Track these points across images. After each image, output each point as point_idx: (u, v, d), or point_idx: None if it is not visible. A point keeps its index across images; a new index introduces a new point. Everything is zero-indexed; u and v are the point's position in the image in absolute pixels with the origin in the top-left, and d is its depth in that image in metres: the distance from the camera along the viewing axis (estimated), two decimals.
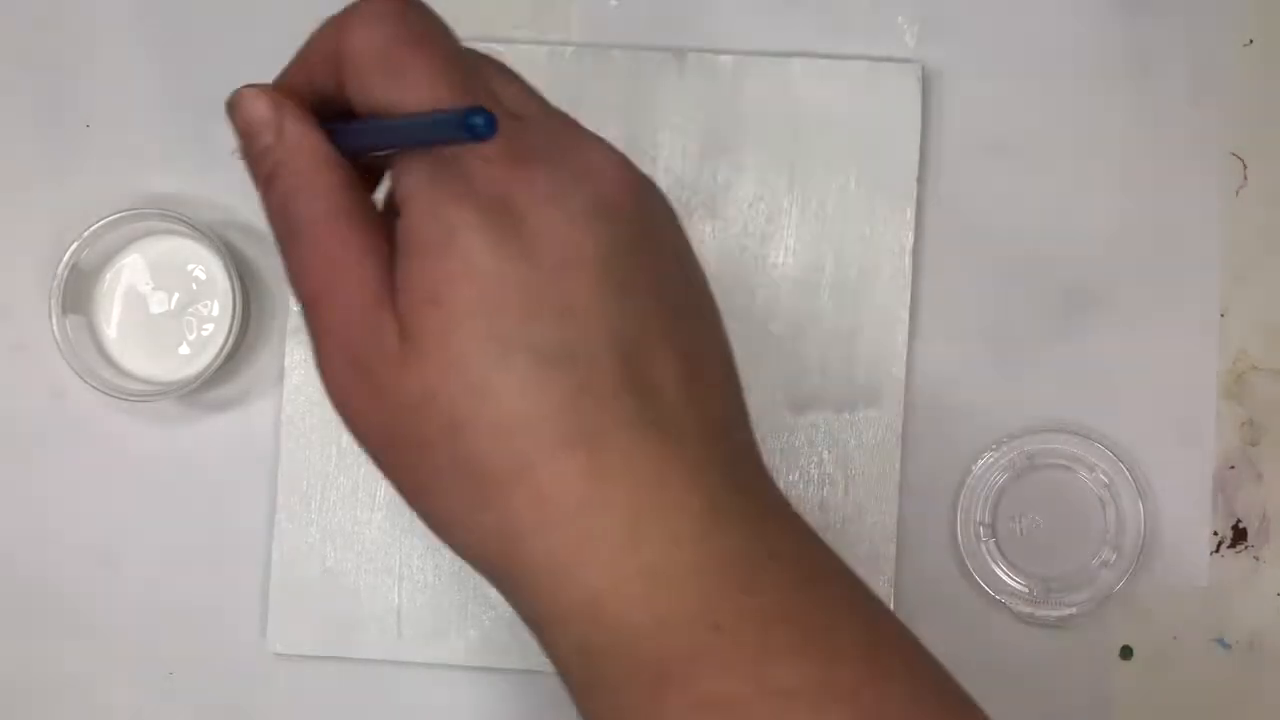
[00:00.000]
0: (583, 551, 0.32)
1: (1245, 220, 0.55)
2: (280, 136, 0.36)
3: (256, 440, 0.55)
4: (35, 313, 0.55)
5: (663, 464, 0.33)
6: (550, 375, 0.32)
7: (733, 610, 0.32)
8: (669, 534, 0.32)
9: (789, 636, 0.32)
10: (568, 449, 0.32)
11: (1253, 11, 0.55)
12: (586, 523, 0.32)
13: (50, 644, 0.56)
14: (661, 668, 0.32)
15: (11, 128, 0.56)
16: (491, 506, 0.33)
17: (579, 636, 0.33)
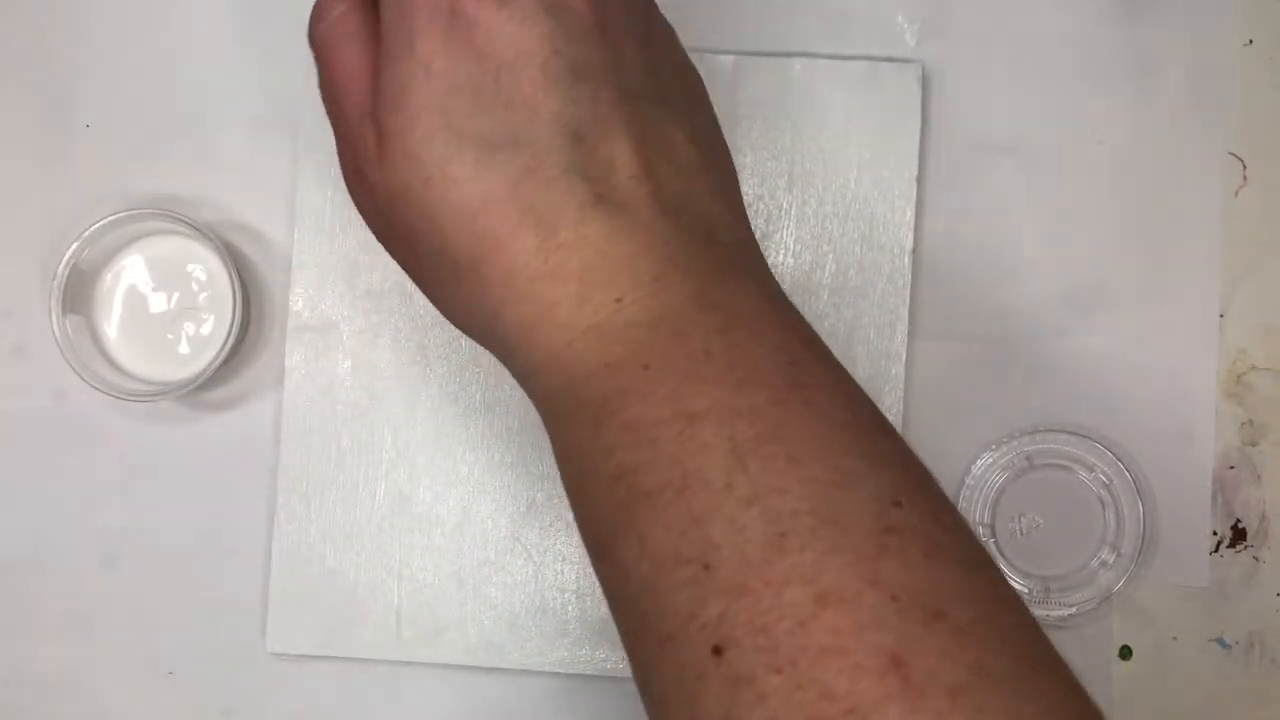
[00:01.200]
0: (544, 318, 0.37)
1: (1245, 220, 0.55)
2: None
3: (256, 440, 0.55)
4: (35, 313, 0.55)
5: (611, 235, 0.37)
6: (498, 161, 0.37)
7: (662, 352, 0.36)
8: (614, 296, 0.37)
9: (708, 370, 0.35)
10: (523, 227, 0.37)
11: (1253, 11, 0.55)
12: (545, 292, 0.37)
13: (50, 644, 0.56)
14: (601, 403, 0.36)
15: (11, 128, 0.56)
16: (467, 284, 0.38)
17: (547, 385, 0.38)
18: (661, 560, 0.34)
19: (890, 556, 0.32)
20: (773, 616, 0.32)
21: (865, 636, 0.31)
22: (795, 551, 0.32)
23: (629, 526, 0.35)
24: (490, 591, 0.54)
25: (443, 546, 0.54)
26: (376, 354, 0.55)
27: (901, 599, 0.31)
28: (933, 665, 0.31)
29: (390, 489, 0.54)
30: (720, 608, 0.32)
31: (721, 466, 0.33)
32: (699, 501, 0.33)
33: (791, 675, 0.31)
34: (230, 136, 0.56)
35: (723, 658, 0.32)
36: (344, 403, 0.54)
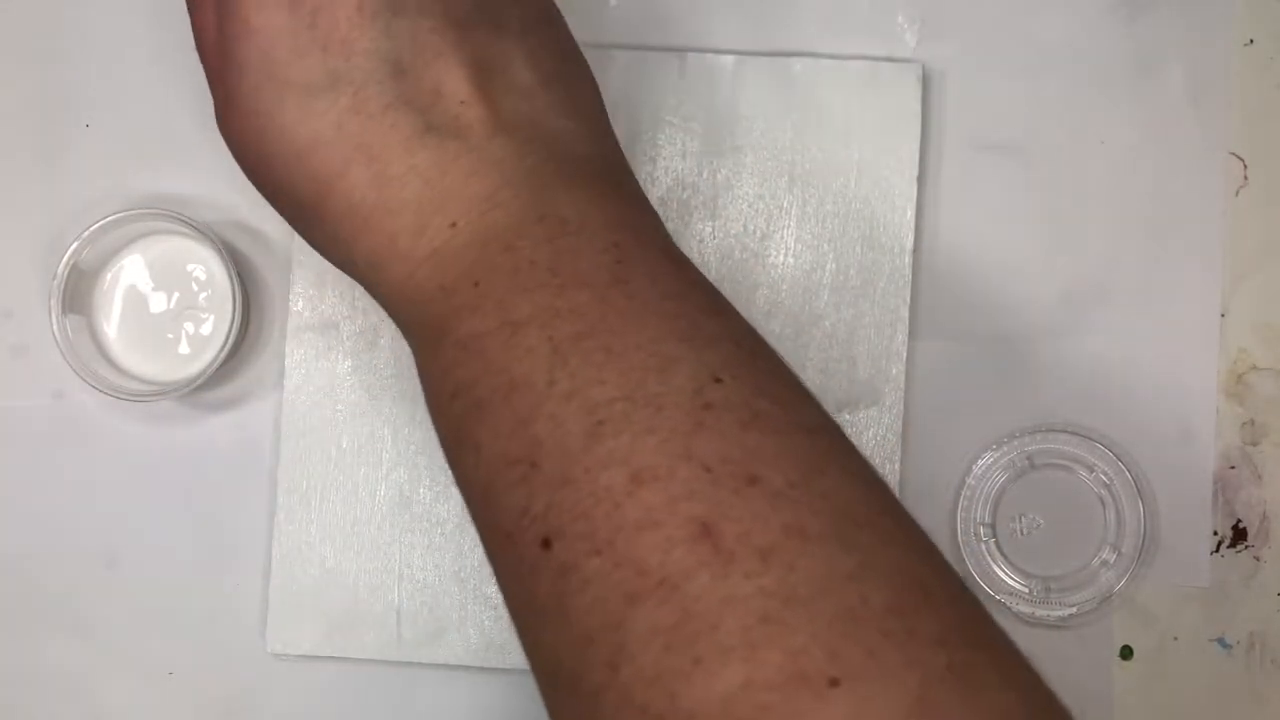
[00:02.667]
0: (387, 251, 0.38)
1: (1245, 220, 0.55)
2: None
3: (256, 440, 0.55)
4: (35, 313, 0.55)
5: (441, 163, 0.38)
6: (320, 103, 0.38)
7: (489, 267, 0.37)
8: (448, 222, 0.38)
9: (531, 278, 0.36)
10: (353, 164, 0.38)
11: (1253, 11, 0.55)
12: (384, 226, 0.38)
13: (50, 644, 0.56)
14: (439, 324, 0.37)
15: (11, 127, 0.56)
16: (318, 224, 0.40)
17: (398, 316, 0.40)
18: (495, 464, 0.35)
19: (705, 430, 0.33)
20: (590, 502, 0.32)
21: (677, 508, 0.32)
22: (611, 437, 0.33)
23: (467, 438, 0.36)
24: (491, 591, 0.54)
25: (443, 546, 0.54)
26: (377, 354, 0.55)
27: (715, 469, 0.32)
28: (744, 529, 0.31)
29: (390, 489, 0.54)
30: (546, 500, 0.33)
31: (544, 367, 0.34)
32: (524, 403, 0.34)
33: (610, 556, 0.32)
34: None
35: (551, 549, 0.33)
36: (344, 403, 0.54)
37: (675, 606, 0.31)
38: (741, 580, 0.30)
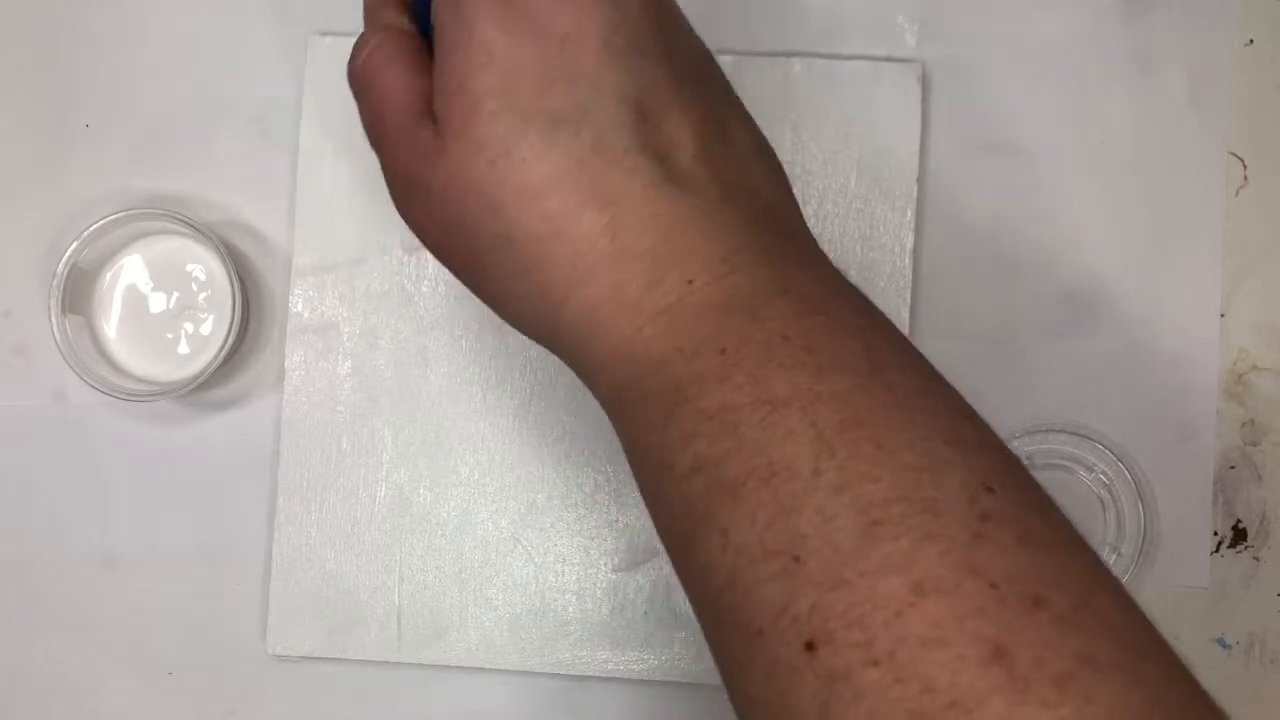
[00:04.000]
0: (610, 303, 0.36)
1: (1245, 220, 0.55)
2: None
3: (256, 441, 0.55)
4: (35, 313, 0.55)
5: (679, 216, 0.36)
6: (563, 137, 0.36)
7: (738, 335, 0.35)
8: (685, 278, 0.36)
9: (787, 354, 0.34)
10: (589, 208, 0.36)
11: (1253, 11, 0.55)
12: (612, 275, 0.36)
13: (50, 644, 0.56)
14: (675, 389, 0.35)
15: (11, 128, 0.56)
16: (530, 272, 0.37)
17: (615, 378, 0.37)
18: (748, 553, 0.32)
19: (986, 543, 0.31)
20: (868, 608, 0.30)
21: (966, 626, 0.30)
22: (889, 540, 0.31)
23: (710, 520, 0.33)
24: (491, 593, 0.54)
25: (443, 548, 0.54)
26: (377, 355, 0.55)
27: (1000, 587, 0.30)
28: (1037, 655, 0.29)
29: (390, 490, 0.54)
30: (812, 600, 0.31)
31: (808, 454, 0.32)
32: (786, 491, 0.32)
33: (890, 669, 0.30)
34: (230, 136, 0.56)
35: (816, 653, 0.31)
36: (344, 404, 0.54)
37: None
38: (1039, 709, 0.29)
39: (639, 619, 0.54)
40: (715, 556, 0.33)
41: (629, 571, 0.54)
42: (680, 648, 0.53)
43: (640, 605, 0.54)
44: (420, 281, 0.55)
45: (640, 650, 0.54)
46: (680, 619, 0.53)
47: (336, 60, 0.55)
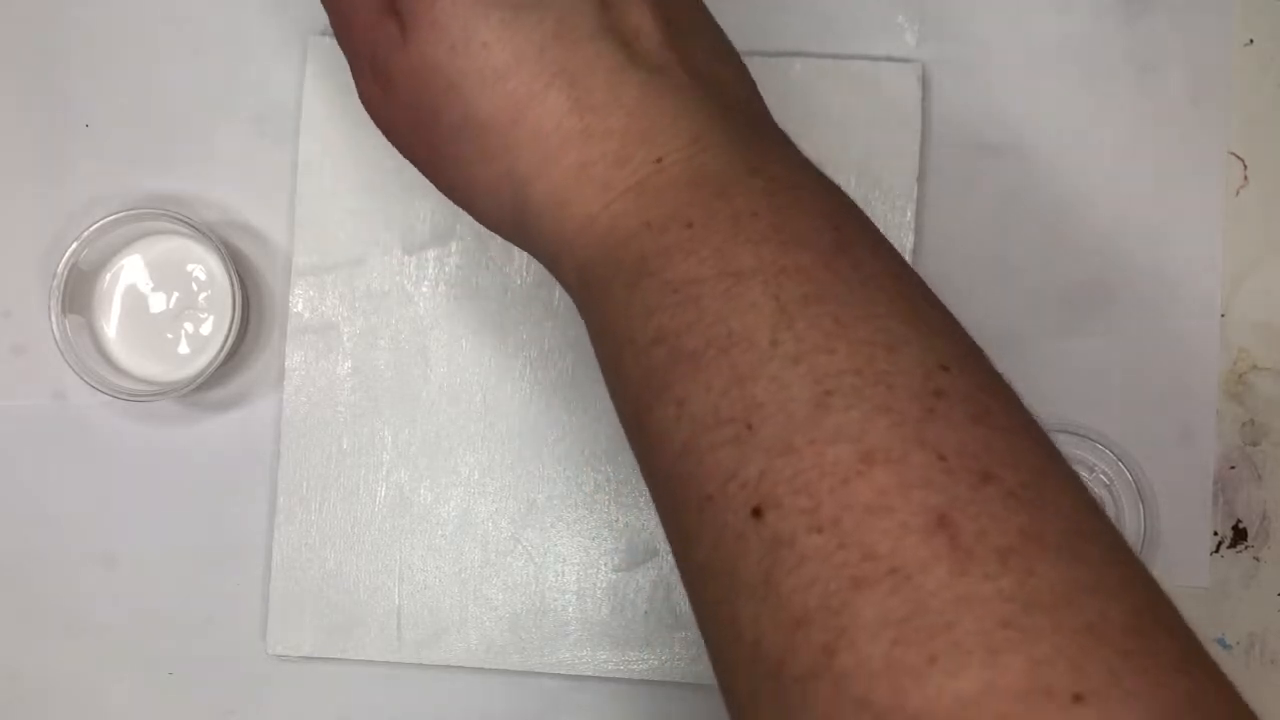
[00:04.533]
0: (577, 181, 0.37)
1: (1245, 220, 0.55)
2: None
3: (256, 441, 0.55)
4: (35, 313, 0.55)
5: (647, 97, 0.37)
6: (526, 22, 0.37)
7: (706, 211, 0.35)
8: (653, 156, 0.36)
9: (753, 229, 0.34)
10: (554, 88, 0.36)
11: (1253, 11, 0.55)
12: (579, 154, 0.36)
13: (50, 644, 0.56)
14: (641, 263, 0.35)
15: (11, 128, 0.56)
16: (498, 156, 0.37)
17: (580, 257, 0.37)
18: (702, 420, 0.33)
19: (937, 418, 0.31)
20: (815, 474, 0.31)
21: (911, 496, 0.30)
22: (840, 410, 0.31)
23: (667, 390, 0.34)
24: (491, 593, 0.54)
25: (443, 548, 0.54)
26: (377, 355, 0.55)
27: (949, 460, 0.31)
28: (981, 527, 0.30)
29: (390, 490, 0.54)
30: (761, 466, 0.31)
31: (768, 325, 0.33)
32: (744, 360, 0.33)
33: (833, 534, 0.30)
34: (230, 136, 0.56)
35: (763, 519, 0.31)
36: (344, 404, 0.54)
37: (908, 598, 0.29)
38: (981, 580, 0.29)
39: (639, 619, 0.54)
40: (670, 426, 0.34)
41: (629, 571, 0.54)
42: (680, 648, 0.53)
43: (640, 605, 0.54)
44: (420, 281, 0.55)
45: (640, 650, 0.54)
46: (680, 619, 0.53)
47: (336, 60, 0.55)
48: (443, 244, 0.55)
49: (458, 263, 0.55)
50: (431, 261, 0.55)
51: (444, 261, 0.55)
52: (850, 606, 0.29)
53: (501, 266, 0.54)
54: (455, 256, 0.55)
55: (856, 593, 0.29)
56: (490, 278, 0.54)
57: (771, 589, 0.31)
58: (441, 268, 0.55)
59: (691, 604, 0.35)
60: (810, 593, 0.30)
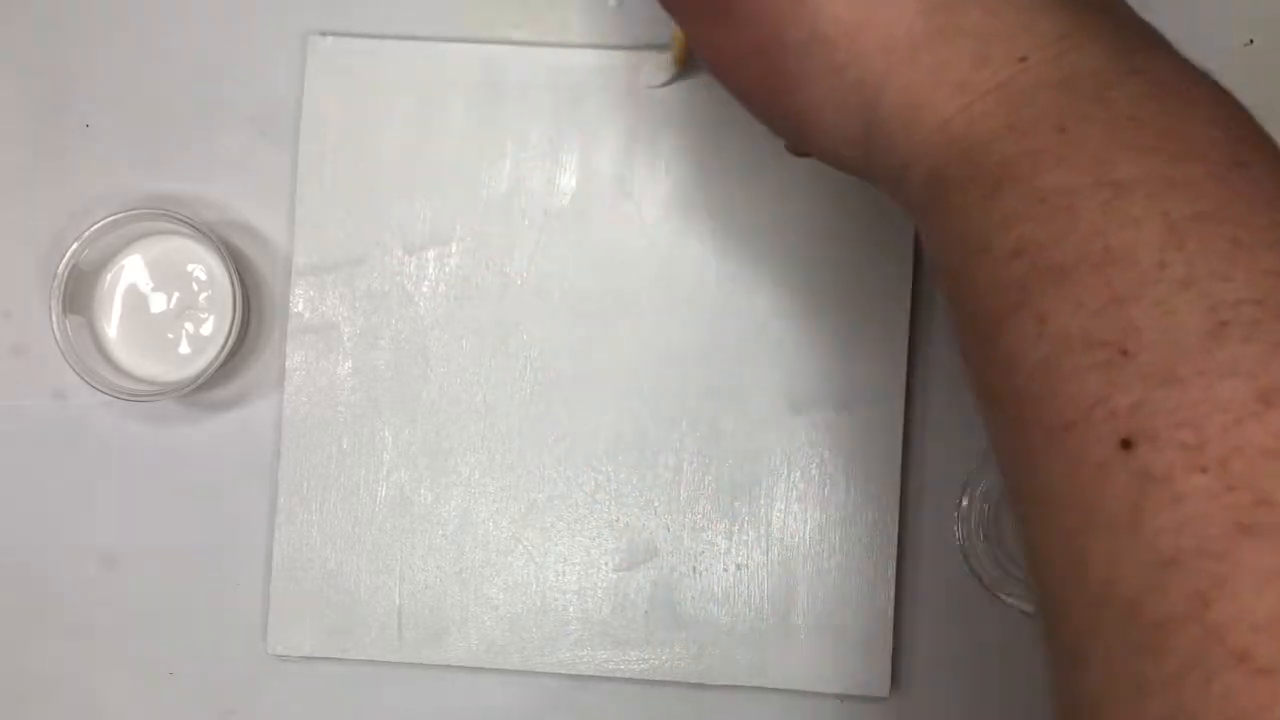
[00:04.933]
0: (932, 83, 0.34)
1: None
2: None
3: (257, 441, 0.55)
4: (35, 313, 0.55)
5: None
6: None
7: (1079, 115, 0.32)
8: (1015, 55, 0.33)
9: (1136, 136, 0.31)
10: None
11: (1253, 11, 0.55)
12: (932, 56, 0.34)
13: (50, 644, 0.56)
14: (1003, 169, 0.32)
15: (11, 128, 0.56)
16: (848, 65, 0.35)
17: (932, 162, 0.34)
18: (1067, 342, 0.30)
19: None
20: (1204, 410, 0.28)
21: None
22: (1237, 343, 0.28)
23: (1027, 305, 0.31)
24: (491, 592, 0.54)
25: (443, 547, 0.54)
26: (377, 355, 0.55)
27: None
28: None
29: (391, 490, 0.54)
30: (1136, 396, 0.29)
31: (1154, 243, 0.30)
32: (1123, 279, 0.30)
33: (1220, 476, 0.27)
34: (230, 136, 0.56)
35: (1133, 451, 0.29)
36: (344, 404, 0.54)
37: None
38: None
39: (639, 619, 0.54)
40: (1026, 344, 0.31)
41: (629, 571, 0.54)
42: (680, 648, 0.53)
43: (640, 605, 0.54)
44: (420, 281, 0.55)
45: (640, 650, 0.54)
46: (680, 619, 0.54)
47: (336, 60, 0.55)
48: (443, 244, 0.55)
49: (458, 263, 0.55)
50: (431, 261, 0.55)
51: (444, 261, 0.55)
52: (1234, 554, 0.27)
53: (501, 266, 0.54)
54: (455, 256, 0.55)
55: (1244, 538, 0.27)
56: (490, 278, 0.54)
57: (1137, 526, 0.28)
58: (441, 268, 0.55)
59: (1024, 534, 0.32)
60: (1184, 534, 0.28)
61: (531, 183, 0.55)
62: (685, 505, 0.54)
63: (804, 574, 0.53)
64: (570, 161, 0.55)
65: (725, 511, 0.54)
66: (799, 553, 0.53)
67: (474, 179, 0.55)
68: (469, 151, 0.55)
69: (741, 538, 0.54)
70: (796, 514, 0.53)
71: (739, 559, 0.53)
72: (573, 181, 0.54)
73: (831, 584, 0.53)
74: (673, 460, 0.54)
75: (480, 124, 0.55)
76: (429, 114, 0.55)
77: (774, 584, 0.53)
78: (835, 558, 0.53)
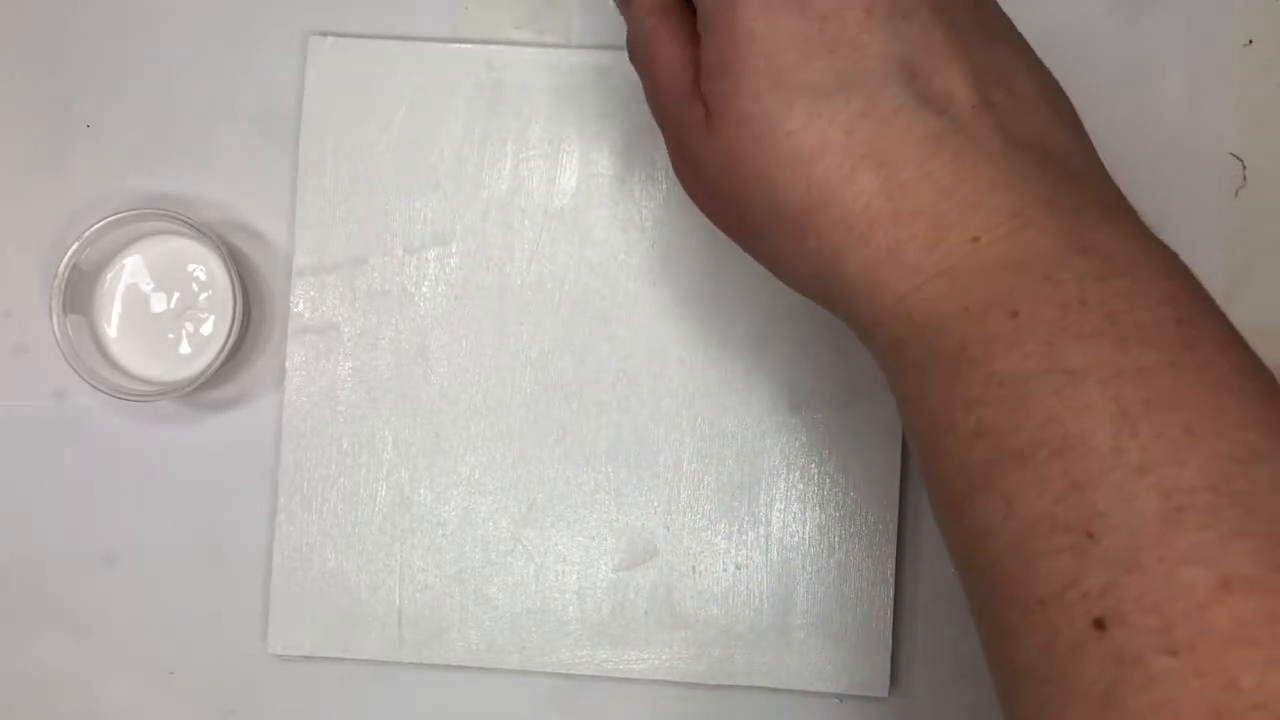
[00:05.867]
0: (888, 262, 0.35)
1: (1245, 220, 0.55)
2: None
3: (257, 440, 0.55)
4: (36, 313, 0.55)
5: (960, 169, 0.35)
6: (831, 105, 0.36)
7: (1030, 297, 0.33)
8: (968, 235, 0.34)
9: (1084, 321, 0.32)
10: (860, 170, 0.35)
11: (1253, 11, 0.55)
12: (888, 235, 0.35)
13: (50, 644, 0.56)
14: (958, 352, 0.34)
15: (11, 128, 0.56)
16: (805, 238, 0.37)
17: (892, 335, 0.36)
18: (1034, 523, 0.32)
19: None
20: (1166, 595, 0.29)
21: (1277, 630, 0.28)
22: (1194, 530, 0.30)
23: (992, 486, 0.33)
24: (491, 592, 0.54)
25: (444, 547, 0.54)
26: (377, 355, 0.55)
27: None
28: None
29: (391, 490, 0.54)
30: (1105, 579, 0.30)
31: (1108, 430, 0.31)
32: (1081, 465, 0.31)
33: (1189, 660, 0.29)
34: (230, 136, 0.56)
35: (1106, 632, 0.30)
36: (345, 404, 0.55)
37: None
38: None
39: (639, 619, 0.54)
40: (994, 522, 0.33)
41: (629, 571, 0.54)
42: (680, 648, 0.54)
43: (640, 605, 0.54)
44: (420, 282, 0.55)
45: (640, 650, 0.54)
46: (680, 619, 0.54)
47: (336, 60, 0.55)
48: (443, 244, 0.55)
49: (458, 263, 0.55)
50: (431, 261, 0.55)
51: (444, 261, 0.55)
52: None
53: (501, 266, 0.54)
54: (455, 256, 0.55)
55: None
56: (490, 278, 0.55)
57: (1114, 705, 0.30)
58: (441, 268, 0.55)
59: (999, 696, 0.34)
60: (1160, 715, 0.29)
61: (531, 183, 0.55)
62: (685, 505, 0.54)
63: (803, 574, 0.53)
64: (570, 161, 0.55)
65: (725, 511, 0.54)
66: (799, 553, 0.53)
67: (474, 179, 0.55)
68: (469, 151, 0.55)
69: (741, 538, 0.54)
70: (796, 514, 0.53)
71: (739, 559, 0.53)
72: (573, 181, 0.55)
73: (831, 584, 0.53)
74: (673, 460, 0.54)
75: (480, 124, 0.55)
76: (429, 114, 0.55)
77: (773, 584, 0.53)
78: (835, 558, 0.53)
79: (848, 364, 0.54)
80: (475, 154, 0.55)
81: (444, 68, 0.55)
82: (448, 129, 0.55)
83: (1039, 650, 0.31)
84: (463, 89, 0.55)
